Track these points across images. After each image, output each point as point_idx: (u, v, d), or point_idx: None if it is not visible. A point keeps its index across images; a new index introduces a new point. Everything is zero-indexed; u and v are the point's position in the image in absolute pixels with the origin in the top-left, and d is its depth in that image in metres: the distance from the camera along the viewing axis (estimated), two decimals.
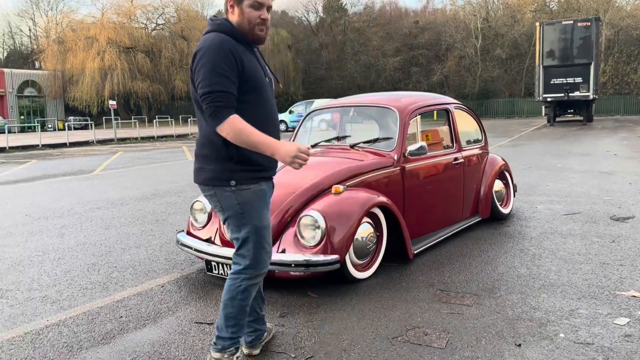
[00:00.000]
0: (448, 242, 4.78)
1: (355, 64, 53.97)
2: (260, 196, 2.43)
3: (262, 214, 2.44)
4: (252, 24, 2.36)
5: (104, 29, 44.43)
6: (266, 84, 2.46)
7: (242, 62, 2.31)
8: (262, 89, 2.41)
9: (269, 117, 2.45)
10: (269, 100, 2.46)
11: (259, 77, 2.40)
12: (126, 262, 4.47)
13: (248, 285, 2.45)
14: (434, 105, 5.07)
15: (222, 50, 2.27)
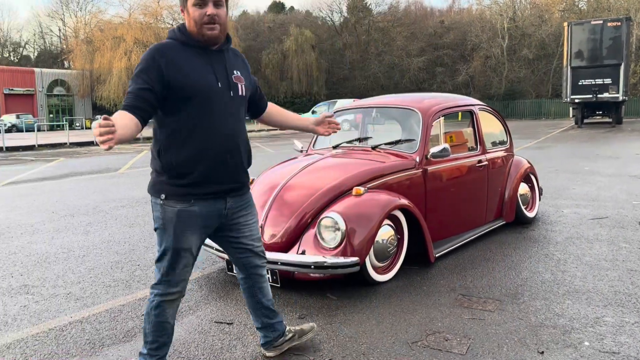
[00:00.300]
0: (471, 245, 4.71)
1: (379, 64, 53.75)
2: (185, 218, 2.29)
3: (181, 237, 2.30)
4: (199, 24, 2.26)
5: (130, 29, 45.13)
6: (215, 90, 2.31)
7: (170, 68, 2.21)
8: (205, 95, 2.28)
9: (218, 125, 2.31)
10: (218, 107, 2.31)
11: (202, 83, 2.27)
12: (149, 260, 4.52)
13: (160, 302, 2.36)
14: (457, 106, 5.00)
15: (147, 56, 2.22)
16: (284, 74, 53.47)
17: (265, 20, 61.54)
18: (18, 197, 8.22)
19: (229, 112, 2.35)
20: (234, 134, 2.38)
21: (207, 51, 2.32)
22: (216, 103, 2.30)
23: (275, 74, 53.66)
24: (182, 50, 2.28)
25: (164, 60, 2.21)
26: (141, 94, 2.15)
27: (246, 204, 2.53)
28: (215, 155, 2.31)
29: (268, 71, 53.85)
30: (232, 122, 2.37)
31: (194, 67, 2.27)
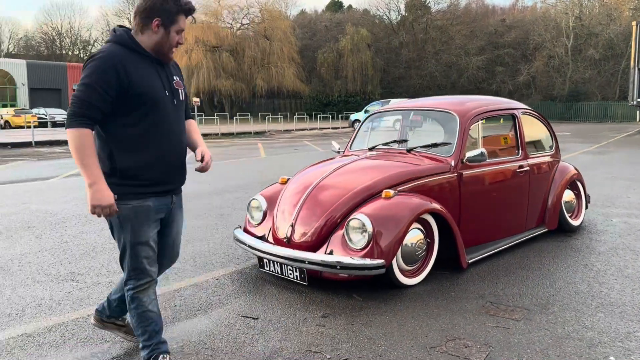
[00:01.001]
0: (508, 252, 4.62)
1: (436, 63, 52.90)
2: (141, 213, 2.43)
3: (139, 231, 2.45)
4: (172, 46, 2.47)
5: (192, 29, 46.48)
6: (164, 97, 2.46)
7: (128, 76, 2.33)
8: (156, 102, 2.42)
9: (167, 131, 2.46)
10: (167, 114, 2.46)
11: (154, 91, 2.42)
12: (188, 254, 4.72)
13: (134, 294, 2.51)
14: (498, 110, 4.91)
15: (105, 64, 2.32)
16: (339, 72, 53.53)
17: (322, 19, 61.88)
18: (77, 189, 8.72)
19: (176, 116, 2.53)
20: (181, 138, 2.57)
21: (153, 60, 2.48)
22: (165, 109, 2.47)
23: (330, 73, 53.82)
24: (133, 58, 2.40)
25: (124, 69, 2.33)
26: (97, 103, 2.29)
27: (181, 201, 2.75)
28: (170, 158, 2.50)
29: (323, 70, 54.09)
30: (179, 126, 2.55)
31: (145, 75, 2.41)
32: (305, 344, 2.93)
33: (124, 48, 2.41)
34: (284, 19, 52.25)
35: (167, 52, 2.49)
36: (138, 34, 2.46)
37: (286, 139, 24.49)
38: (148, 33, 2.44)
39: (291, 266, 3.75)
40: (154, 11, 2.41)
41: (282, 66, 48.24)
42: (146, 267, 2.51)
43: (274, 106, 50.56)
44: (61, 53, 66.00)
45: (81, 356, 2.82)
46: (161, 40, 2.45)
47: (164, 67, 2.54)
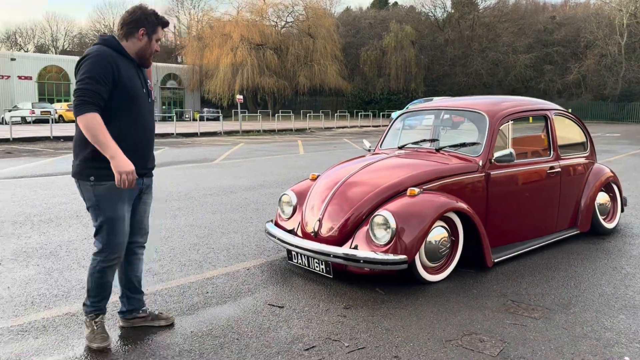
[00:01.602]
0: (536, 253, 4.63)
1: (482, 60, 51.90)
2: (117, 191, 2.78)
3: (116, 207, 2.82)
4: (152, 52, 2.96)
5: (237, 27, 47.35)
6: (142, 95, 2.91)
7: (119, 73, 2.75)
8: (137, 98, 2.86)
9: (143, 123, 2.91)
10: (144, 109, 2.91)
11: (136, 88, 2.86)
12: (223, 244, 4.95)
13: (103, 267, 2.87)
14: (529, 110, 4.90)
15: (102, 59, 2.72)
16: (382, 70, 53.30)
17: (366, 17, 61.71)
18: None
19: (150, 112, 3.00)
20: (153, 130, 3.04)
21: (135, 63, 2.94)
22: (143, 105, 2.92)
23: (373, 71, 53.65)
24: (120, 58, 2.83)
25: (116, 66, 2.75)
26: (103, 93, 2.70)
27: (151, 185, 3.13)
28: (144, 146, 2.94)
29: (366, 68, 53.98)
30: (151, 120, 3.02)
31: (130, 74, 2.85)
32: (326, 332, 3.08)
33: (112, 50, 2.82)
34: (328, 17, 52.41)
35: (148, 57, 2.97)
36: (122, 40, 2.90)
37: (326, 136, 24.68)
38: (133, 40, 2.89)
39: (317, 259, 3.90)
40: (140, 22, 2.88)
41: (324, 64, 48.44)
42: (120, 244, 2.89)
43: (315, 104, 50.85)
44: None
45: (120, 334, 3.06)
46: (144, 47, 2.92)
47: (142, 70, 3.01)
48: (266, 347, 2.89)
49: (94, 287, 2.92)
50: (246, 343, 2.94)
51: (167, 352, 2.83)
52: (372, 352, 2.84)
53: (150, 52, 2.95)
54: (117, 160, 2.66)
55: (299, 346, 2.90)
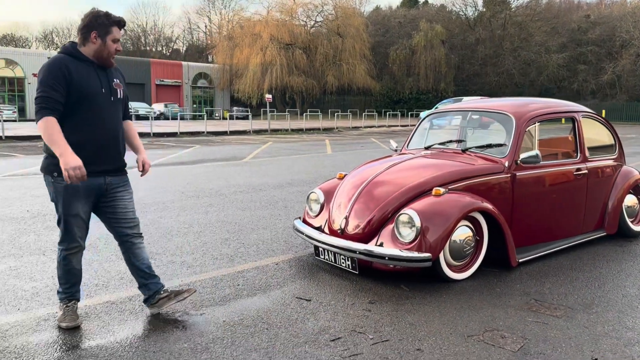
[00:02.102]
0: (561, 254, 4.66)
1: (513, 60, 51.19)
2: (71, 191, 3.00)
3: (70, 205, 3.04)
4: (110, 53, 3.10)
5: (267, 27, 47.80)
6: (100, 94, 3.06)
7: (71, 77, 2.94)
8: (92, 99, 3.02)
9: (102, 121, 3.07)
10: (101, 109, 3.07)
11: (91, 90, 3.02)
12: (252, 240, 5.12)
13: (66, 255, 3.14)
14: (556, 112, 4.93)
15: (53, 67, 2.95)
16: (411, 69, 53.05)
17: (396, 16, 61.48)
18: (157, 178, 9.46)
19: (111, 111, 3.14)
20: (114, 128, 3.15)
21: (94, 65, 3.09)
22: (100, 103, 3.07)
23: (402, 70, 53.45)
24: (75, 63, 3.02)
25: (67, 70, 2.95)
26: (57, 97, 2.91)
27: (123, 182, 3.27)
28: (102, 142, 3.08)
29: (395, 67, 53.81)
30: (113, 118, 3.15)
31: (84, 76, 3.02)
32: (351, 325, 3.21)
33: (68, 56, 3.04)
34: (357, 16, 52.42)
35: (106, 57, 3.11)
36: (81, 46, 3.08)
37: (353, 136, 24.77)
38: (88, 44, 3.07)
39: (344, 255, 4.03)
40: (91, 26, 3.05)
41: (353, 63, 48.50)
42: (76, 235, 3.12)
43: (343, 103, 50.93)
44: (145, 49, 69.81)
45: (156, 322, 3.25)
46: (99, 49, 3.07)
47: (106, 71, 3.15)
48: (294, 337, 3.03)
49: (62, 274, 3.19)
50: (275, 333, 3.09)
51: (202, 339, 3.00)
52: (396, 344, 2.96)
53: (108, 52, 3.09)
54: (65, 156, 2.84)
55: (325, 337, 3.04)
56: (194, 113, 46.48)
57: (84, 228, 3.16)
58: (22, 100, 44.33)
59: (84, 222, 3.14)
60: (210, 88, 57.18)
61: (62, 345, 2.93)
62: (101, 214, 3.26)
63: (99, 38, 3.06)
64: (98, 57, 3.09)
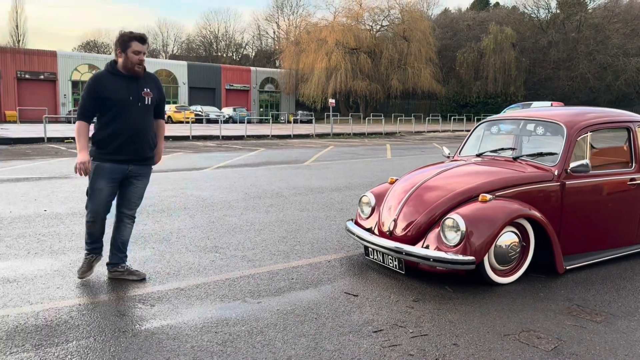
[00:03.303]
0: (612, 263, 4.68)
1: (588, 63, 48.99)
2: (98, 170, 3.93)
3: (95, 182, 3.94)
4: (134, 63, 3.90)
5: (333, 32, 48.43)
6: (127, 101, 3.89)
7: (103, 89, 3.85)
8: (120, 105, 3.88)
9: (128, 122, 3.91)
10: (128, 113, 3.90)
11: (118, 98, 3.86)
12: (308, 239, 5.46)
13: (87, 220, 4.02)
14: (609, 122, 4.94)
15: (91, 83, 3.90)
16: (479, 73, 51.96)
17: (465, 18, 60.38)
18: (223, 178, 10.04)
19: (137, 114, 3.95)
20: (138, 128, 3.96)
21: (126, 77, 3.92)
22: (127, 108, 3.91)
23: (469, 73, 52.45)
24: (110, 78, 3.92)
25: (101, 85, 3.88)
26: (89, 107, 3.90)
27: (144, 173, 4.13)
28: (123, 139, 3.91)
29: (462, 70, 52.88)
30: (138, 120, 3.96)
31: (116, 87, 3.89)
32: (394, 319, 3.46)
33: (106, 72, 3.96)
34: (424, 20, 52.04)
35: (131, 67, 3.90)
36: (118, 61, 3.94)
37: (416, 140, 24.71)
38: (118, 60, 3.93)
39: (391, 256, 4.28)
40: (116, 44, 3.93)
41: (418, 67, 48.16)
42: (97, 204, 3.97)
43: (408, 107, 50.65)
44: (217, 55, 72.48)
45: (219, 307, 3.64)
46: (124, 61, 3.90)
47: (138, 81, 3.97)
48: (340, 327, 3.32)
49: (86, 234, 4.08)
50: (323, 322, 3.40)
51: (257, 324, 3.35)
52: (434, 338, 3.18)
53: (131, 63, 3.88)
54: (79, 153, 3.87)
55: (368, 328, 3.31)
56: (261, 117, 47.84)
57: (104, 201, 3.99)
58: None
59: (106, 197, 4.00)
60: (276, 92, 58.58)
61: (137, 322, 3.37)
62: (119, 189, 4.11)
63: (122, 53, 3.89)
64: (126, 68, 3.91)
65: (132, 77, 3.93)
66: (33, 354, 2.91)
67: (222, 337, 3.15)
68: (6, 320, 3.34)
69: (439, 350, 3.03)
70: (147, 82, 4.03)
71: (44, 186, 8.76)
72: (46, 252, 4.87)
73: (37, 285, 4.00)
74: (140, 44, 3.89)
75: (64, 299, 3.73)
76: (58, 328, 3.25)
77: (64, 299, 3.73)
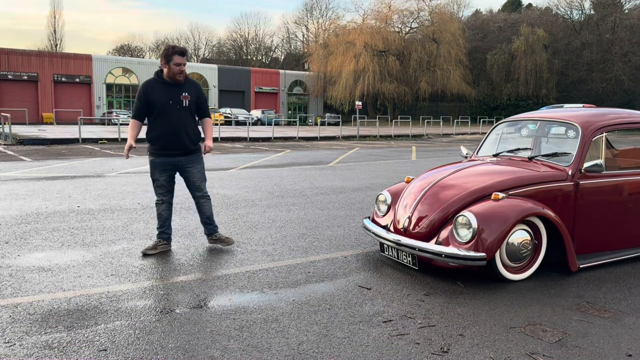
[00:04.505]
0: (627, 263, 4.70)
1: (623, 65, 47.83)
2: (153, 164, 4.84)
3: (153, 173, 4.87)
4: (175, 73, 4.67)
5: (361, 34, 48.52)
6: (167, 105, 4.68)
7: (149, 94, 4.68)
8: (161, 109, 4.68)
9: (168, 122, 4.70)
10: (168, 115, 4.69)
11: (161, 102, 4.67)
12: (326, 236, 5.63)
13: (156, 203, 4.97)
14: (627, 123, 4.95)
15: (141, 88, 4.77)
16: (510, 75, 51.30)
17: (496, 20, 59.70)
18: (248, 178, 10.29)
19: (176, 115, 4.73)
20: (178, 127, 4.74)
21: (168, 84, 4.72)
22: (168, 111, 4.71)
23: (500, 75, 51.82)
24: (155, 84, 4.74)
25: (148, 90, 4.72)
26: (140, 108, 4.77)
27: (192, 161, 4.92)
28: (167, 137, 4.74)
29: (492, 73, 52.29)
30: (178, 121, 4.74)
31: (161, 93, 4.71)
32: (404, 311, 3.60)
33: (153, 78, 4.78)
34: (453, 21, 51.66)
35: (173, 76, 4.68)
36: (163, 70, 4.72)
37: (442, 143, 24.61)
38: (164, 69, 4.72)
39: (405, 252, 4.41)
40: (161, 57, 4.73)
41: (447, 69, 47.84)
42: (157, 192, 4.91)
43: (436, 109, 50.34)
44: (247, 58, 73.38)
45: (237, 296, 3.84)
46: (168, 72, 4.69)
47: (179, 87, 4.73)
48: (351, 317, 3.48)
49: (157, 217, 4.97)
50: (335, 312, 3.56)
51: (273, 312, 3.54)
52: (441, 329, 3.31)
53: (173, 72, 4.66)
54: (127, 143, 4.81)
55: (378, 319, 3.45)
56: (289, 119, 48.27)
57: (164, 189, 4.90)
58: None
59: (164, 186, 4.89)
60: (304, 95, 58.96)
61: (161, 308, 3.60)
62: (183, 180, 4.98)
63: (166, 64, 4.67)
64: (169, 77, 4.71)
65: (174, 84, 4.70)
66: (65, 334, 3.16)
67: (239, 323, 3.35)
68: (41, 304, 3.61)
69: (444, 340, 3.15)
70: (187, 87, 4.77)
71: (78, 184, 9.17)
72: (79, 245, 5.17)
73: (69, 274, 4.28)
74: (181, 57, 4.64)
75: (94, 287, 3.99)
76: (88, 312, 3.50)
77: (94, 287, 3.99)
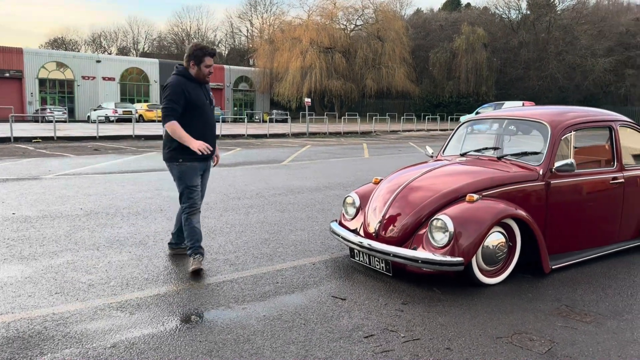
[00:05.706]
0: (596, 262, 4.69)
1: (558, 64, 50.03)
2: (192, 168, 4.37)
3: (193, 179, 4.39)
4: (205, 75, 4.40)
5: (307, 30, 48.28)
6: (205, 105, 4.41)
7: (189, 93, 4.27)
8: (201, 108, 4.37)
9: (204, 123, 4.40)
10: (206, 115, 4.41)
11: (200, 102, 4.36)
12: (290, 241, 5.34)
13: (188, 216, 4.39)
14: (592, 121, 4.96)
15: (177, 87, 4.26)
16: (451, 73, 52.56)
17: (437, 19, 60.99)
18: None
19: (211, 115, 4.50)
20: (213, 125, 4.54)
21: (197, 82, 4.39)
22: (205, 110, 4.42)
23: (442, 73, 53.01)
24: (188, 82, 4.34)
25: (184, 88, 4.27)
26: (177, 108, 4.25)
27: (209, 166, 4.65)
28: (205, 137, 4.33)
29: (435, 70, 53.42)
30: (212, 120, 4.52)
31: (196, 92, 4.36)
32: (384, 323, 3.38)
33: (183, 77, 4.34)
34: (397, 20, 52.32)
35: (203, 78, 4.40)
36: (189, 68, 4.37)
37: (391, 139, 24.79)
38: (190, 69, 4.36)
39: (378, 258, 4.20)
40: (190, 56, 4.35)
41: (392, 66, 48.43)
42: (195, 199, 4.42)
43: (382, 106, 50.86)
44: None
45: (200, 312, 3.49)
46: (197, 72, 4.37)
47: (205, 86, 4.49)
48: (330, 333, 3.22)
49: (189, 233, 4.40)
50: (312, 328, 3.29)
51: (244, 332, 3.22)
52: (426, 343, 3.11)
53: (203, 74, 4.38)
54: (192, 143, 4.21)
55: (359, 334, 3.21)
56: (235, 116, 47.39)
57: (199, 195, 4.49)
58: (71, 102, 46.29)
59: (201, 191, 4.53)
60: (250, 91, 58.11)
61: (116, 331, 3.20)
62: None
63: (195, 65, 4.34)
64: (197, 77, 4.38)
65: (202, 84, 4.44)
66: None
67: (208, 347, 3.02)
68: None
69: (432, 355, 2.95)
70: (208, 87, 4.58)
71: (11, 188, 8.43)
72: (16, 258, 4.64)
73: (6, 293, 3.79)
74: (211, 58, 4.39)
75: (36, 308, 3.53)
76: (31, 340, 3.06)
77: (36, 308, 3.53)
